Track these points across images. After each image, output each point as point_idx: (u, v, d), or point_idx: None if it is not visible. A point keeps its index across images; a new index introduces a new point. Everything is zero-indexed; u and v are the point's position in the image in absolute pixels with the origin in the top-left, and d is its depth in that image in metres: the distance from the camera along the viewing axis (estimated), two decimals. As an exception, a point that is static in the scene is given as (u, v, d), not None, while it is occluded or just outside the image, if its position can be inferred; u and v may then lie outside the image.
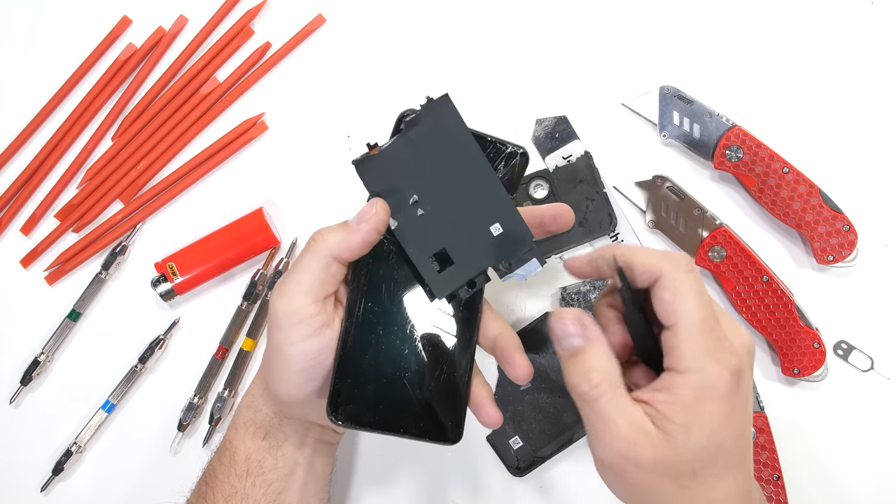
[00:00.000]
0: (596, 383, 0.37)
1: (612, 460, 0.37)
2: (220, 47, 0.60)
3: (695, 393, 0.36)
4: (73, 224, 0.60)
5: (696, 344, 0.36)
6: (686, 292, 0.37)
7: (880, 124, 0.56)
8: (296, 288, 0.39)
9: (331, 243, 0.39)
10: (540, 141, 0.58)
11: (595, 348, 0.38)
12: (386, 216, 0.40)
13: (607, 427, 0.37)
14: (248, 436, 0.44)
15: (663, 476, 0.37)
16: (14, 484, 0.58)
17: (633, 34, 0.58)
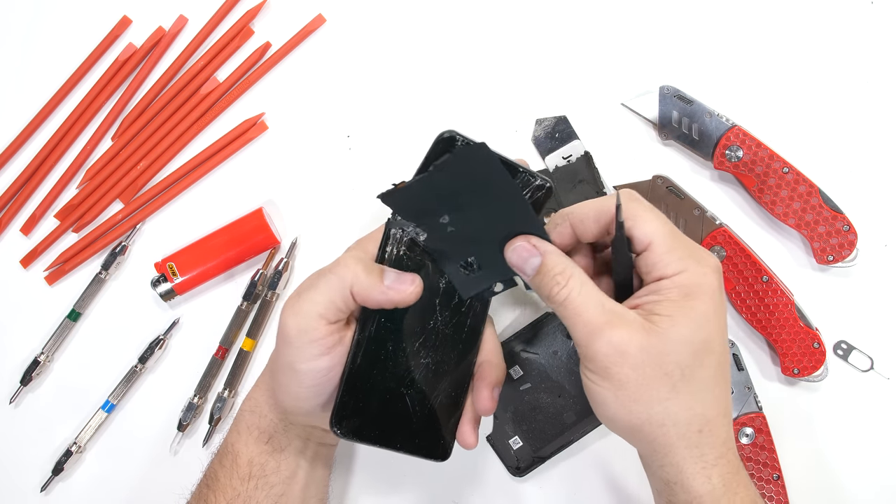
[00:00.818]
0: (563, 283, 0.39)
1: (598, 350, 0.38)
2: (220, 47, 0.60)
3: (681, 291, 0.38)
4: (73, 224, 0.60)
5: (674, 251, 0.39)
6: (644, 214, 0.39)
7: (880, 124, 0.56)
8: (311, 308, 0.39)
9: (358, 282, 0.39)
10: (540, 141, 0.58)
11: (552, 257, 0.40)
12: (416, 298, 0.40)
13: (585, 319, 0.38)
14: (252, 439, 0.45)
15: (652, 369, 0.37)
16: (14, 484, 0.58)
17: (633, 34, 0.58)
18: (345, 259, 0.40)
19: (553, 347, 0.55)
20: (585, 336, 0.38)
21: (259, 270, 0.57)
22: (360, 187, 0.59)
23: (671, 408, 0.38)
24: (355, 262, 0.39)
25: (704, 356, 0.38)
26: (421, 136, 0.58)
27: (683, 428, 0.38)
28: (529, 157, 0.58)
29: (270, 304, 0.57)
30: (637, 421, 0.39)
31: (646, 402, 0.38)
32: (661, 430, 0.38)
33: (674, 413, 0.38)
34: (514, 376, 0.55)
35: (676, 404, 0.38)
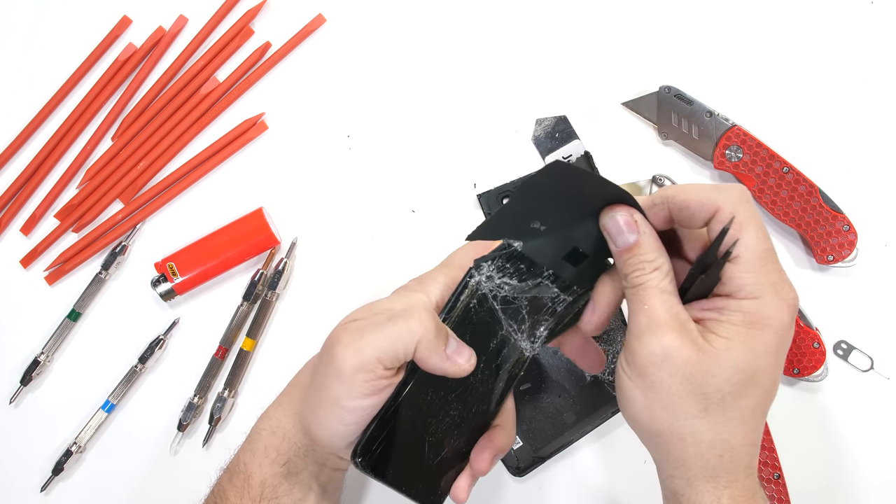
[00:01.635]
0: (648, 271, 0.38)
1: (647, 349, 0.37)
2: (220, 47, 0.60)
3: (746, 317, 0.37)
4: (73, 224, 0.60)
5: (756, 274, 0.37)
6: (746, 224, 0.37)
7: (880, 124, 0.56)
8: (371, 350, 0.38)
9: (425, 342, 0.38)
10: (540, 141, 0.58)
11: (649, 240, 0.39)
12: (465, 374, 0.39)
13: (650, 311, 0.37)
14: (267, 461, 0.44)
15: (689, 385, 0.36)
16: (14, 484, 0.58)
17: (633, 34, 0.58)
18: (417, 308, 0.39)
19: (553, 348, 0.55)
20: (640, 328, 0.37)
21: (259, 270, 0.57)
22: (360, 187, 0.58)
23: (697, 426, 0.37)
24: (429, 318, 0.38)
25: (750, 387, 0.37)
26: (421, 136, 0.59)
27: (704, 448, 0.37)
28: (529, 157, 0.58)
29: (270, 304, 0.57)
30: (658, 427, 0.38)
31: (673, 413, 0.37)
32: (681, 443, 0.37)
33: (698, 432, 0.37)
34: (514, 376, 0.55)
35: (704, 424, 0.37)
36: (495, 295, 0.41)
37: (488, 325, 0.41)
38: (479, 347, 0.40)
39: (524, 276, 0.41)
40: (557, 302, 0.41)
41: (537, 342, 0.42)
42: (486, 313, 0.41)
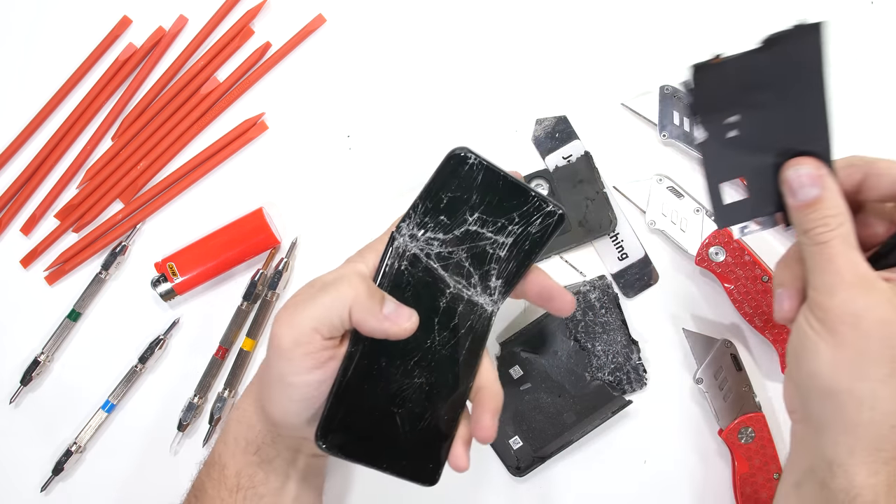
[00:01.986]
0: (833, 227, 0.37)
1: (837, 305, 0.36)
2: (220, 47, 0.60)
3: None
4: (73, 224, 0.60)
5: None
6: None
7: (880, 124, 0.56)
8: (306, 322, 0.38)
9: (357, 304, 0.38)
10: (540, 141, 0.58)
11: (833, 195, 0.38)
12: (409, 334, 0.39)
13: (837, 269, 0.37)
14: (239, 451, 0.43)
15: (881, 346, 0.35)
16: (14, 484, 0.58)
17: (633, 34, 0.58)
18: (348, 275, 0.39)
19: (553, 347, 0.55)
20: (829, 285, 0.37)
21: (259, 270, 0.57)
22: (360, 187, 0.59)
23: (880, 391, 0.36)
24: (360, 281, 0.38)
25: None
26: (421, 136, 0.59)
27: (880, 415, 0.36)
28: (529, 157, 0.58)
29: (270, 304, 0.57)
30: (838, 386, 0.37)
31: (857, 374, 0.36)
32: (857, 406, 0.36)
33: (880, 397, 0.36)
34: (514, 376, 0.55)
35: (886, 390, 0.36)
36: (427, 253, 0.40)
37: (430, 285, 0.40)
38: (427, 309, 0.40)
39: (448, 228, 0.40)
40: (497, 247, 0.40)
41: (496, 294, 0.41)
42: (423, 273, 0.40)
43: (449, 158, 0.39)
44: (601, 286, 0.55)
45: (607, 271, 0.56)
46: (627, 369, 0.54)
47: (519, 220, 0.40)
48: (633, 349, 0.54)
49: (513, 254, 0.40)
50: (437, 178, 0.39)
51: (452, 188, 0.39)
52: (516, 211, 0.40)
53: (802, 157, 0.39)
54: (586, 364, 0.54)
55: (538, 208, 0.40)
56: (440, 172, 0.39)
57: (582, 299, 0.55)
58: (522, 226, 0.40)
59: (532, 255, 0.40)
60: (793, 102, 0.39)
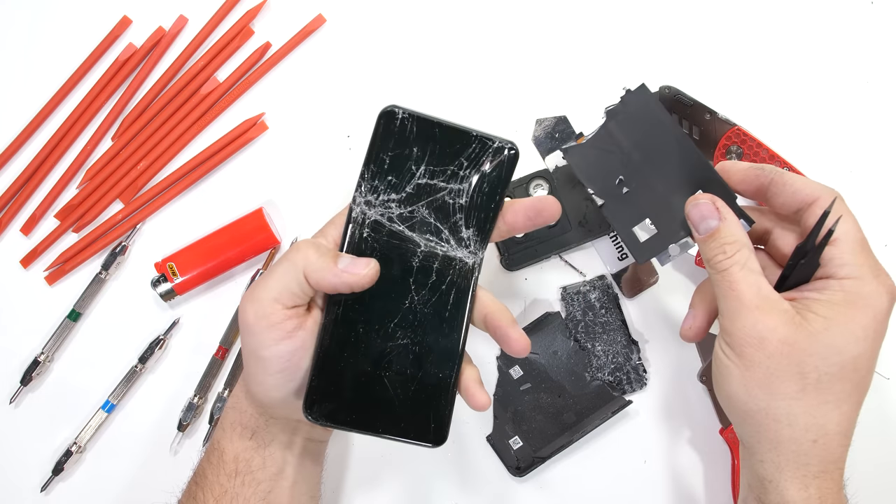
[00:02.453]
0: (730, 254, 0.39)
1: (740, 329, 0.38)
2: (220, 47, 0.60)
3: (847, 297, 0.37)
4: (73, 224, 0.60)
5: (857, 255, 0.38)
6: (846, 213, 0.39)
7: (880, 124, 0.56)
8: (266, 294, 0.39)
9: (309, 265, 0.39)
10: (540, 141, 0.58)
11: (729, 226, 0.40)
12: (372, 282, 0.39)
13: (738, 294, 0.38)
14: (236, 436, 0.44)
15: (788, 364, 0.37)
16: (14, 484, 0.58)
17: (633, 34, 0.58)
18: (299, 244, 0.40)
19: (553, 347, 0.55)
20: (732, 310, 0.38)
21: (259, 270, 0.57)
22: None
23: (794, 408, 0.37)
24: (308, 246, 0.39)
25: (848, 371, 0.37)
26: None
27: (799, 431, 0.37)
28: (529, 157, 0.58)
29: (270, 304, 0.57)
30: (754, 407, 0.38)
31: (770, 393, 0.37)
32: (775, 424, 0.38)
33: (794, 414, 0.37)
34: (514, 376, 0.55)
35: (800, 406, 0.37)
36: (389, 217, 0.40)
37: (398, 247, 0.40)
38: (400, 271, 0.40)
39: (399, 186, 0.40)
40: (456, 195, 0.40)
41: (473, 244, 0.40)
42: (389, 237, 0.40)
43: (380, 118, 0.39)
44: (601, 286, 0.55)
45: (607, 271, 0.56)
46: (627, 369, 0.54)
47: (468, 163, 0.40)
48: (633, 349, 0.54)
49: (475, 200, 0.40)
50: (374, 139, 0.39)
51: (391, 146, 0.39)
52: (462, 155, 0.40)
53: (700, 193, 0.42)
54: (586, 364, 0.54)
55: (485, 147, 0.40)
56: (376, 134, 0.39)
57: (582, 299, 0.55)
58: (474, 169, 0.40)
59: (495, 196, 0.40)
60: (657, 149, 0.45)
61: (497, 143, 0.40)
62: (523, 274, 0.57)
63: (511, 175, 0.40)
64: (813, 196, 0.39)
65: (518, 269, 0.56)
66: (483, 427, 0.55)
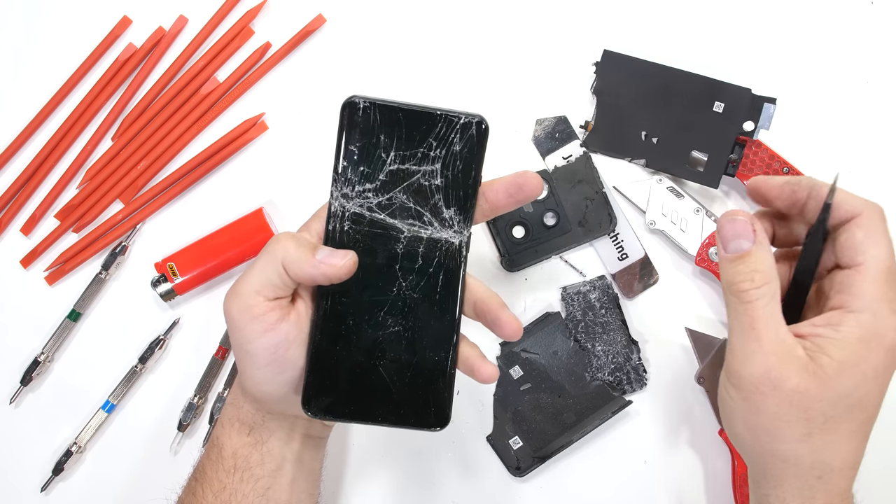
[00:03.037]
0: (758, 284, 0.37)
1: (752, 375, 0.36)
2: (220, 47, 0.60)
3: (861, 333, 0.36)
4: (73, 224, 0.60)
5: (878, 286, 0.36)
6: (881, 237, 0.36)
7: (880, 124, 0.56)
8: (247, 288, 0.39)
9: (287, 257, 0.38)
10: (540, 141, 0.58)
11: (763, 252, 0.38)
12: (349, 273, 0.39)
13: (757, 335, 0.36)
14: (234, 432, 0.44)
15: (796, 411, 0.36)
16: (14, 484, 0.58)
17: (633, 34, 0.58)
18: (279, 236, 0.40)
19: (553, 347, 0.55)
20: (747, 352, 0.37)
21: (259, 270, 0.57)
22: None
23: (799, 449, 0.37)
24: (287, 238, 0.39)
25: (855, 412, 0.36)
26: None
27: (804, 470, 0.37)
28: (529, 157, 0.58)
29: (270, 304, 0.57)
30: (759, 448, 0.38)
31: (775, 436, 0.37)
32: (782, 464, 0.37)
33: (799, 455, 0.37)
34: (514, 376, 0.55)
35: (805, 448, 0.37)
36: (368, 207, 0.40)
37: (383, 235, 0.40)
38: (386, 258, 0.40)
39: (372, 175, 0.40)
40: (430, 177, 0.40)
41: (457, 223, 0.40)
42: (371, 226, 0.40)
43: (343, 110, 0.39)
44: (601, 286, 0.55)
45: (607, 271, 0.56)
46: (627, 369, 0.54)
47: (437, 143, 0.40)
48: (633, 349, 0.54)
49: (451, 179, 0.40)
50: (340, 132, 0.39)
51: (358, 137, 0.39)
52: (430, 136, 0.40)
53: (737, 210, 0.39)
54: (586, 364, 0.54)
55: (451, 125, 0.40)
56: (341, 126, 0.39)
57: (582, 299, 0.55)
58: (443, 148, 0.40)
59: (471, 172, 0.40)
60: (656, 92, 0.53)
61: (463, 119, 0.40)
62: (523, 274, 0.57)
63: (484, 149, 0.40)
64: (854, 211, 0.37)
65: (518, 269, 0.56)
66: (483, 427, 0.55)
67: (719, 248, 0.39)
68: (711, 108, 0.54)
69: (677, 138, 0.55)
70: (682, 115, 0.54)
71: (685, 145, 0.54)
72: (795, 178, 0.39)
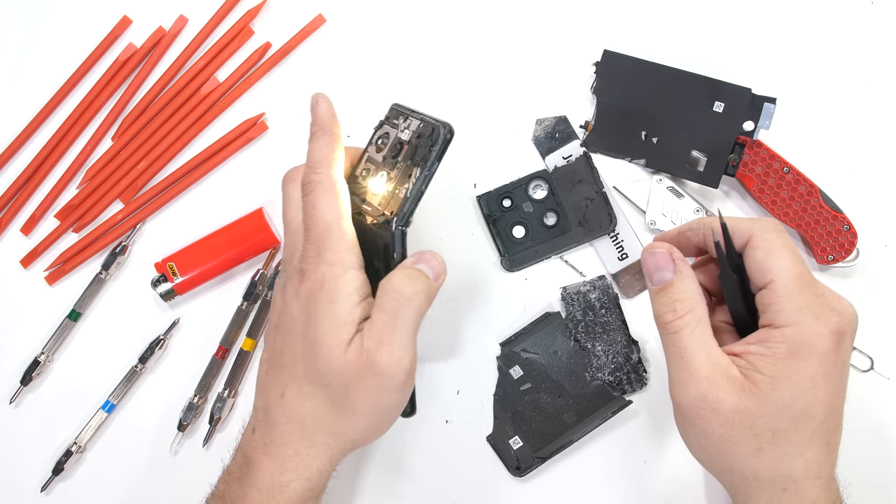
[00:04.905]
0: (681, 314, 0.38)
1: (689, 402, 0.37)
2: (220, 47, 0.60)
3: (789, 347, 0.36)
4: (73, 224, 0.60)
5: (793, 298, 0.36)
6: (779, 249, 0.37)
7: (880, 124, 0.56)
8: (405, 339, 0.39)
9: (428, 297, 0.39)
10: (540, 141, 0.58)
11: (684, 282, 0.38)
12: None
13: (687, 363, 0.37)
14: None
15: (741, 430, 0.36)
16: (14, 484, 0.58)
17: (633, 34, 0.58)
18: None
19: (553, 347, 0.55)
20: (682, 381, 0.37)
21: (259, 270, 0.57)
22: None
23: (756, 465, 0.37)
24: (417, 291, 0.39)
25: (802, 421, 0.36)
26: (421, 136, 0.58)
27: (766, 484, 0.37)
28: (530, 157, 0.58)
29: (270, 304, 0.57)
30: (719, 469, 0.39)
31: (728, 456, 0.37)
32: (743, 482, 0.38)
33: (757, 471, 0.37)
34: (514, 376, 0.55)
35: (761, 463, 0.37)
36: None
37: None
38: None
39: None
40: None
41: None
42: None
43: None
44: (601, 286, 0.55)
45: (607, 271, 0.56)
46: (627, 369, 0.54)
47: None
48: (633, 349, 0.54)
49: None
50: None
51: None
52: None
53: (656, 242, 0.40)
54: (586, 364, 0.54)
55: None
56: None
57: (582, 299, 0.55)
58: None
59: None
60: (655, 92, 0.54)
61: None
62: (523, 274, 0.57)
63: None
64: (746, 235, 0.38)
65: (518, 269, 0.56)
66: (483, 427, 0.55)
67: (647, 282, 0.40)
68: (711, 108, 0.53)
69: (677, 138, 0.55)
70: (682, 115, 0.54)
71: (685, 145, 0.54)
72: (686, 225, 0.41)
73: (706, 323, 0.38)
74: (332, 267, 0.38)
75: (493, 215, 0.57)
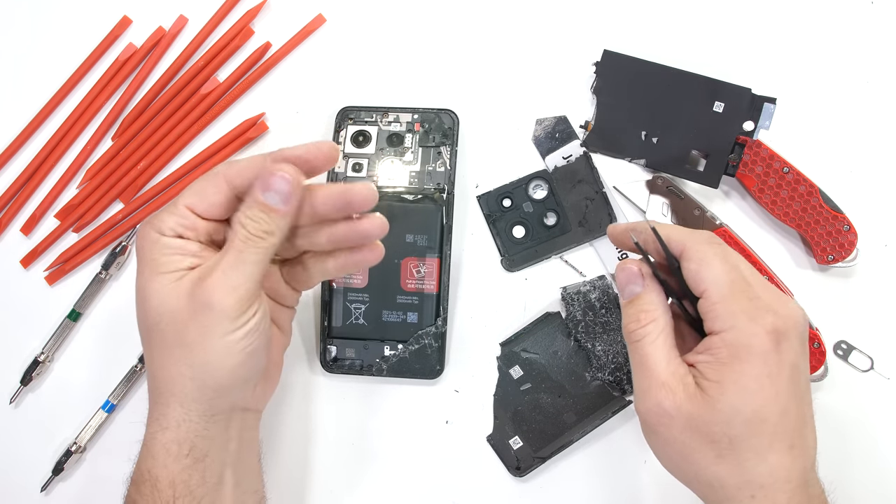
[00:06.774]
0: (643, 323, 0.39)
1: (649, 409, 0.38)
2: (220, 47, 0.60)
3: (729, 350, 0.37)
4: (73, 224, 0.60)
5: (726, 303, 0.37)
6: (710, 259, 0.38)
7: (880, 124, 0.56)
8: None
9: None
10: (540, 141, 0.58)
11: (649, 294, 0.40)
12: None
13: (647, 371, 0.38)
14: (171, 459, 0.41)
15: (698, 437, 0.37)
16: (14, 484, 0.58)
17: (633, 34, 0.58)
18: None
19: (553, 347, 0.55)
20: (643, 389, 0.38)
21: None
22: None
23: (719, 472, 0.37)
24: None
25: (755, 425, 0.36)
26: (421, 136, 0.58)
27: (732, 491, 0.37)
28: (529, 157, 0.58)
29: (270, 304, 0.57)
30: (685, 477, 0.39)
31: (692, 464, 0.38)
32: (711, 490, 0.38)
33: (722, 477, 0.37)
34: (514, 376, 0.55)
35: (724, 470, 0.37)
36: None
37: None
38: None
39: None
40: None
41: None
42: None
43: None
44: (601, 286, 0.55)
45: (607, 271, 0.56)
46: (627, 369, 0.54)
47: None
48: (633, 349, 0.55)
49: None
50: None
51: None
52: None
53: (628, 259, 0.42)
54: (586, 364, 0.54)
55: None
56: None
57: (582, 299, 0.55)
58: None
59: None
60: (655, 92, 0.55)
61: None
62: (523, 274, 0.57)
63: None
64: (679, 248, 0.40)
65: (518, 269, 0.56)
66: (483, 427, 0.55)
67: (620, 296, 0.42)
68: (711, 108, 0.54)
69: (677, 138, 0.55)
70: (682, 115, 0.54)
71: (685, 145, 0.54)
72: (632, 224, 0.42)
73: (668, 333, 0.39)
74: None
75: (493, 215, 0.57)
